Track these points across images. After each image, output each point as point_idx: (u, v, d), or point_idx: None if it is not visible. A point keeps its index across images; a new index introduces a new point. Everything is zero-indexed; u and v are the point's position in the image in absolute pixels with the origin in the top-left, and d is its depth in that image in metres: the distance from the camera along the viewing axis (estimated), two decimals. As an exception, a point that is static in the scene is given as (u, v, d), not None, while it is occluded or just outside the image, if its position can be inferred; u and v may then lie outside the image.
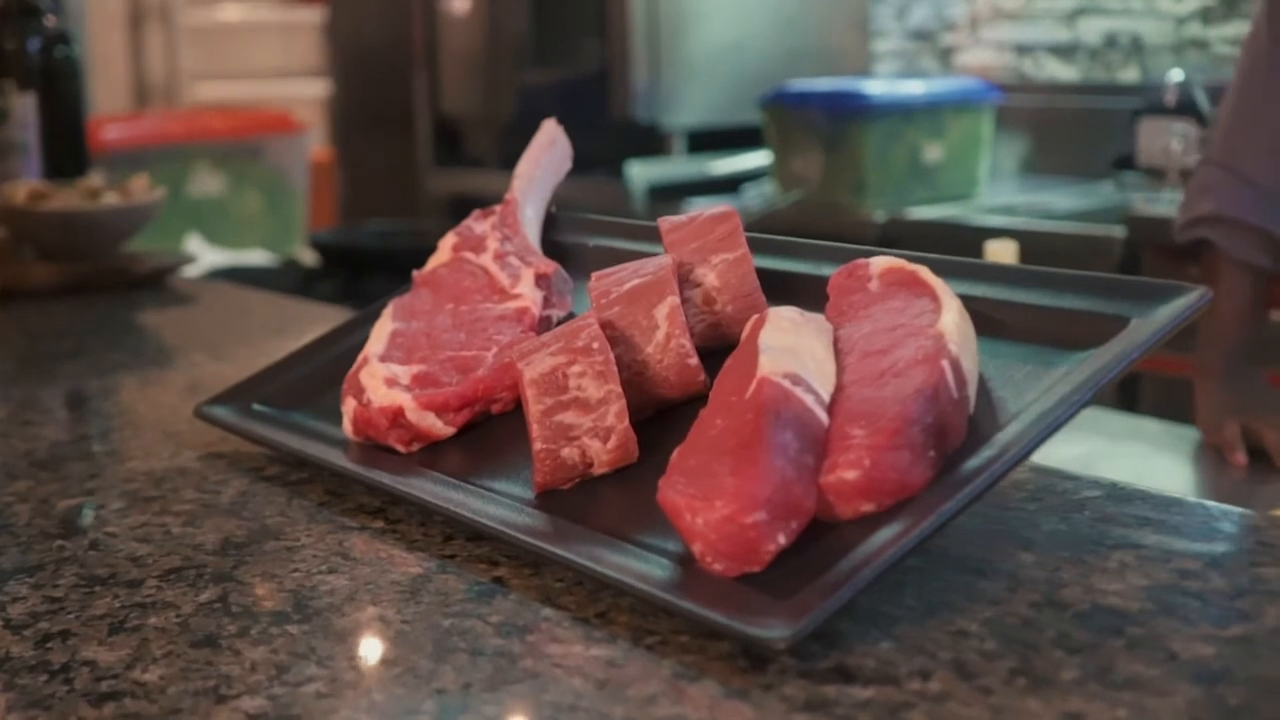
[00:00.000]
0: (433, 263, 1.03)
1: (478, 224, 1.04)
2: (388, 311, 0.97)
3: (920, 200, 2.94)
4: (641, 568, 0.69)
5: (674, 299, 0.83)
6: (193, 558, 0.77)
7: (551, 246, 1.05)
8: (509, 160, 3.68)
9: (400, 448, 0.88)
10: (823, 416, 0.71)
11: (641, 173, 3.29)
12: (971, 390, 0.74)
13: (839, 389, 0.74)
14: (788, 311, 0.78)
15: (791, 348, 0.74)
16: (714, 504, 0.67)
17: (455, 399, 0.87)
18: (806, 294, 0.88)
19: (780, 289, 0.89)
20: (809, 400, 0.71)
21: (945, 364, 0.72)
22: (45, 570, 0.76)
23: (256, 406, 0.98)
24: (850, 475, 0.69)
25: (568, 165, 1.14)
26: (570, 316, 0.99)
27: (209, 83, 3.57)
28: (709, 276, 0.87)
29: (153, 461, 0.94)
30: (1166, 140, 2.94)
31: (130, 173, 1.68)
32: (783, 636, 0.60)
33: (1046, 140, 3.31)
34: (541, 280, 0.97)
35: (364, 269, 2.22)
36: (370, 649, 0.65)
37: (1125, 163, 3.02)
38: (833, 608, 0.62)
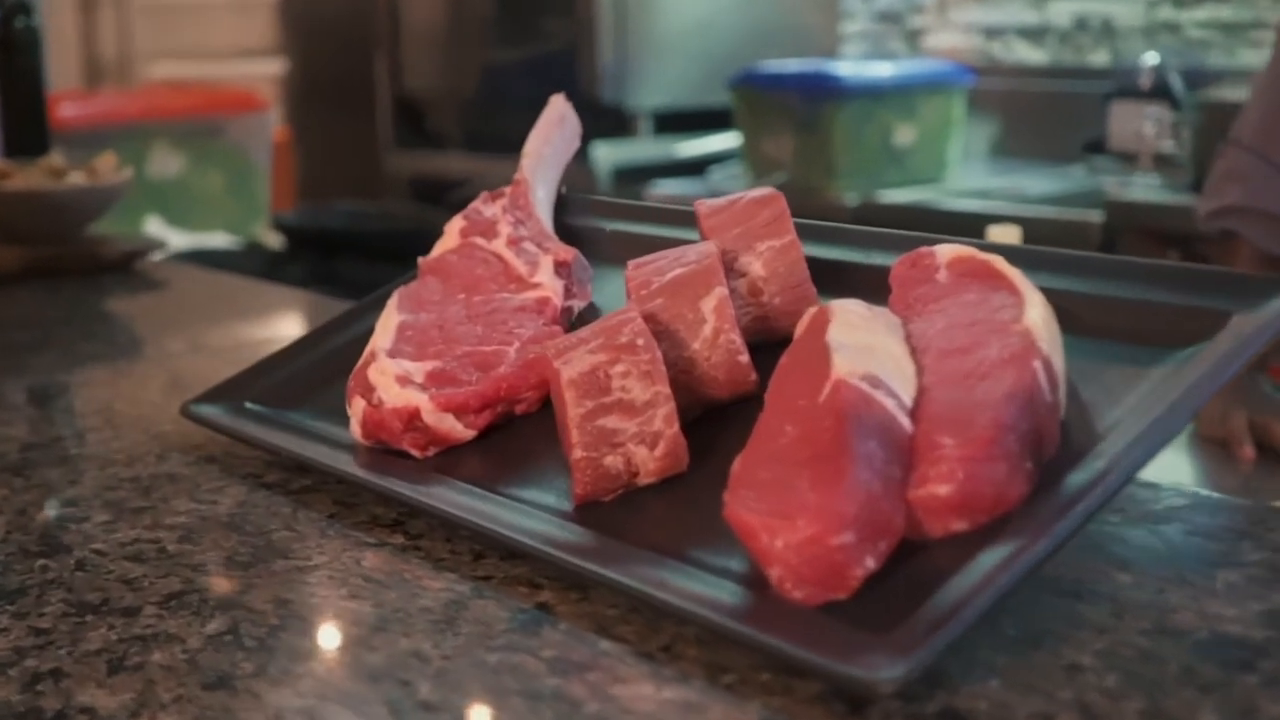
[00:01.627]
0: (439, 249, 0.94)
1: (486, 207, 0.96)
2: (392, 302, 0.89)
3: (891, 183, 2.89)
4: (708, 593, 0.61)
5: (722, 290, 0.75)
6: (194, 580, 0.69)
7: (563, 231, 0.98)
8: (472, 140, 3.60)
9: (415, 452, 0.80)
10: (906, 423, 0.64)
11: (607, 154, 3.21)
12: (1062, 393, 0.67)
13: (919, 392, 0.66)
14: (854, 305, 0.71)
15: (867, 346, 0.67)
16: (795, 524, 0.59)
17: (476, 399, 0.79)
18: (855, 284, 0.81)
19: (826, 279, 0.81)
20: (890, 405, 0.64)
21: (1037, 364, 0.65)
22: (28, 595, 0.67)
23: (249, 405, 0.90)
24: (942, 490, 0.62)
25: (577, 143, 1.06)
26: (590, 308, 0.92)
27: (162, 61, 3.45)
28: (754, 265, 0.80)
29: (138, 466, 0.85)
30: (1139, 124, 2.89)
31: (87, 152, 1.58)
32: (892, 677, 0.53)
33: (1016, 123, 3.26)
34: (561, 268, 0.89)
35: (332, 251, 2.12)
36: (410, 693, 0.57)
37: (1096, 146, 2.98)
38: (944, 643, 0.54)
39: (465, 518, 0.70)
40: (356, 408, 0.81)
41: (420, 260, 0.94)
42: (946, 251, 0.76)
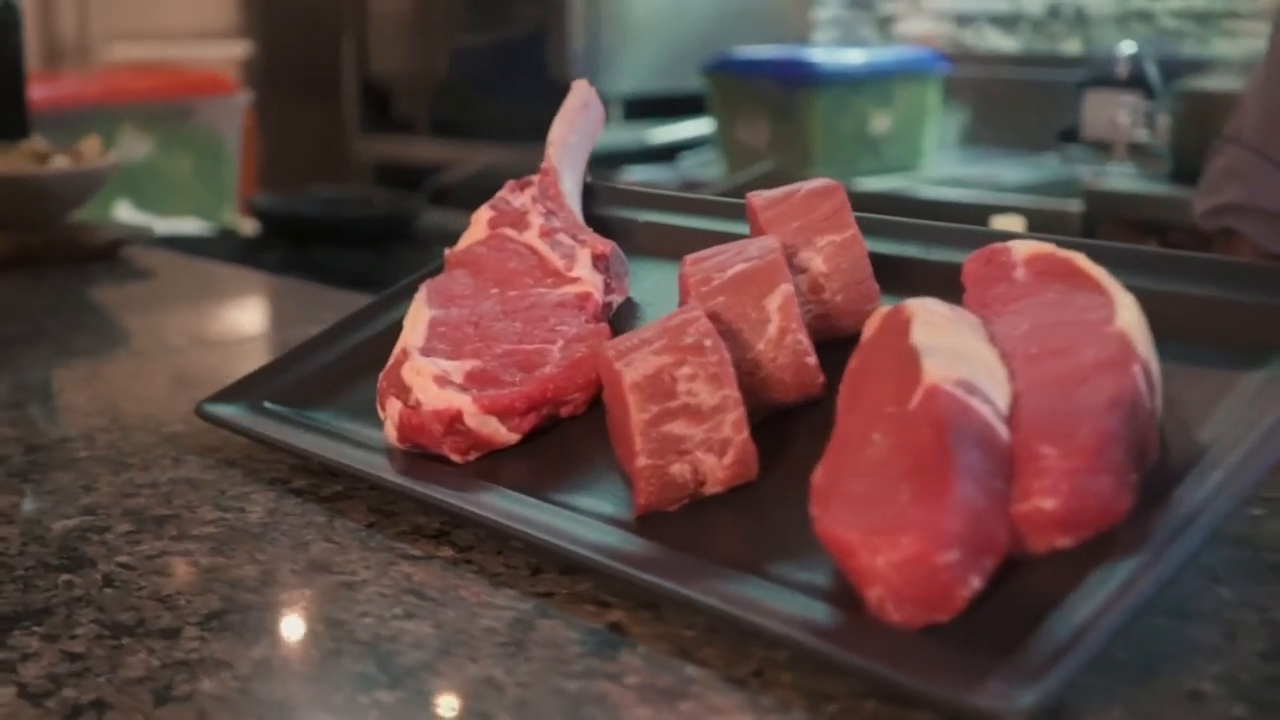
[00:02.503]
0: (466, 240, 0.90)
1: (515, 196, 0.91)
2: (420, 296, 0.84)
3: (866, 171, 2.86)
4: (799, 613, 0.57)
5: (787, 287, 0.71)
6: (234, 598, 0.64)
7: (593, 222, 0.93)
8: (440, 126, 3.55)
9: (456, 457, 0.75)
10: (1004, 432, 0.60)
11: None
12: (1159, 399, 0.63)
13: (1012, 398, 0.62)
14: (933, 304, 0.67)
15: (957, 349, 0.63)
16: (898, 541, 0.55)
17: (522, 401, 0.75)
18: (913, 281, 0.77)
19: (883, 275, 0.77)
20: (986, 412, 0.60)
21: (1136, 369, 0.61)
22: (55, 615, 0.62)
23: (269, 405, 0.85)
24: (1048, 504, 0.58)
25: (601, 129, 1.02)
26: (628, 303, 0.87)
27: (122, 43, 3.37)
28: (815, 261, 0.75)
29: (154, 471, 0.80)
30: (1114, 113, 2.88)
31: (51, 136, 1.52)
32: (1023, 707, 0.49)
33: (988, 111, 3.23)
34: (599, 261, 0.85)
35: (307, 238, 2.07)
36: (488, 723, 0.53)
37: (1070, 135, 2.96)
38: (1073, 669, 0.50)
39: (522, 530, 0.66)
40: (391, 409, 0.77)
41: (447, 252, 0.89)
42: (1023, 248, 0.72)
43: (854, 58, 3.01)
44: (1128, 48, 2.89)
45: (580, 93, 1.00)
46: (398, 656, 0.58)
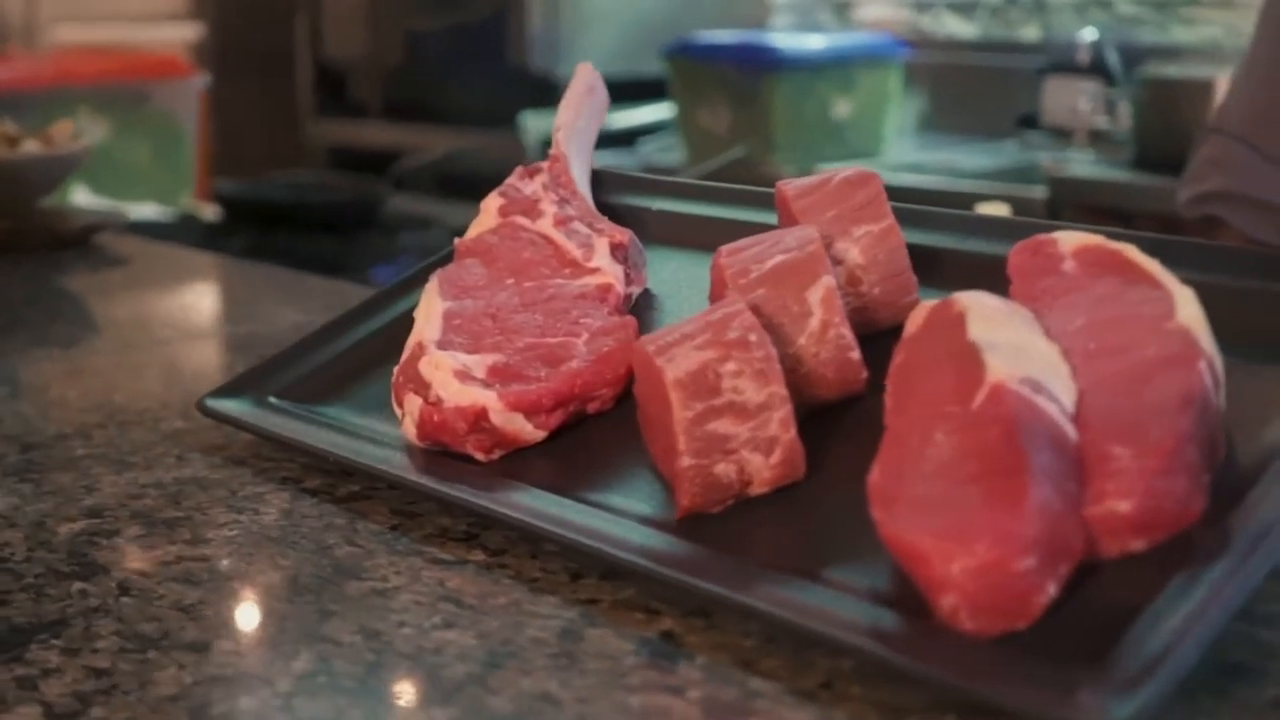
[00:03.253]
0: (476, 228, 0.87)
1: (524, 183, 0.88)
2: (432, 287, 0.81)
3: (828, 157, 2.84)
4: (865, 620, 0.55)
5: (829, 280, 0.69)
6: (261, 607, 0.61)
7: (602, 210, 0.90)
8: (395, 110, 3.51)
9: (479, 455, 0.72)
10: (1072, 432, 0.58)
11: (536, 124, 3.12)
12: (1223, 397, 0.61)
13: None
14: (986, 298, 0.65)
15: (1018, 345, 0.61)
16: (974, 548, 0.53)
17: (549, 397, 0.72)
18: (948, 272, 0.75)
19: (918, 267, 0.75)
20: (1053, 412, 0.58)
21: (1202, 365, 0.59)
22: (73, 627, 0.59)
23: (274, 400, 0.81)
24: (1123, 506, 0.56)
25: (606, 114, 0.99)
26: (645, 294, 0.85)
27: (69, 25, 3.29)
28: (852, 252, 0.73)
29: (158, 470, 0.77)
30: (1074, 99, 2.88)
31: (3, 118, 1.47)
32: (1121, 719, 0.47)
33: (947, 98, 3.23)
34: (618, 251, 0.82)
35: (272, 223, 2.02)
36: (552, 742, 0.50)
37: (1029, 121, 2.96)
38: (1170, 679, 0.48)
39: (562, 533, 0.63)
40: (411, 405, 0.74)
41: (456, 241, 0.86)
42: (1071, 239, 0.70)
43: (815, 43, 2.99)
44: (1089, 34, 2.89)
45: (585, 76, 0.97)
46: (444, 670, 0.55)
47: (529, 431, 0.72)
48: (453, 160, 3.07)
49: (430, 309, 0.80)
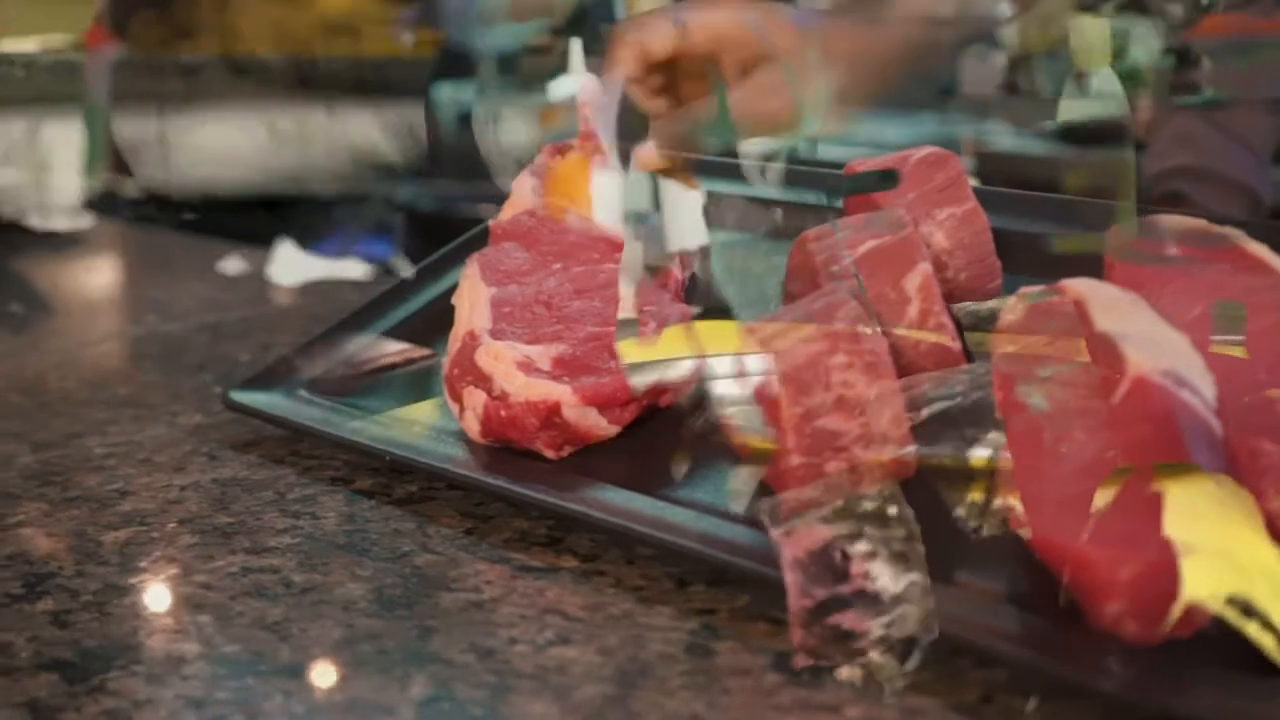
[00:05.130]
0: (510, 210, 0.82)
1: (555, 163, 0.84)
2: (473, 272, 0.77)
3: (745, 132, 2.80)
4: (1017, 629, 0.52)
5: (926, 266, 0.65)
6: (355, 624, 0.56)
7: (631, 190, 0.86)
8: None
9: (549, 453, 0.68)
10: (1219, 427, 0.55)
11: (451, 97, 3.05)
12: (1351, 386, 0.59)
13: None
14: (1100, 286, 0.62)
15: (1149, 336, 0.58)
16: (1143, 554, 0.50)
17: (625, 390, 0.68)
18: (1023, 257, 0.73)
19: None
20: (1198, 405, 0.55)
21: (1336, 354, 0.57)
22: (151, 651, 0.54)
23: (304, 393, 0.76)
24: (1277, 504, 0.53)
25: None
26: (692, 279, 0.81)
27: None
28: (937, 235, 0.70)
29: (193, 471, 0.71)
30: (992, 72, 2.88)
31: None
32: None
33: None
34: (669, 234, 0.78)
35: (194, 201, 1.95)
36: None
37: (947, 92, 2.95)
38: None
39: (667, 538, 0.59)
40: (472, 400, 0.69)
41: (491, 223, 0.81)
42: (1171, 224, 0.67)
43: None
44: (1005, 10, 2.89)
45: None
46: (575, 691, 0.51)
47: (603, 427, 0.68)
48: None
49: (475, 296, 0.75)
